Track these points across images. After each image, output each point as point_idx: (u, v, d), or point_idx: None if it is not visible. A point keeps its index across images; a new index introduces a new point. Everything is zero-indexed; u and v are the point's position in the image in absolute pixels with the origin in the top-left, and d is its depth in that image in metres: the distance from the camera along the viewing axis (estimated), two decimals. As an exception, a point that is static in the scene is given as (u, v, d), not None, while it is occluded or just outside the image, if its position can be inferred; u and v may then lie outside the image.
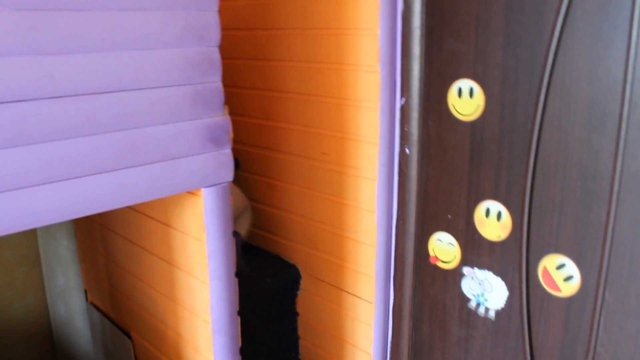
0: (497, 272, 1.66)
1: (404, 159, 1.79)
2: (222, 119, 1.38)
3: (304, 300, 2.21)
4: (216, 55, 1.35)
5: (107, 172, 1.22)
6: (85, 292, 2.26)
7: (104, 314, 2.14)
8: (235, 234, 1.52)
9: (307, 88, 1.97)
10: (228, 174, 1.43)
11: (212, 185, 1.40)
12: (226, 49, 2.21)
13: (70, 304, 2.36)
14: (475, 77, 1.59)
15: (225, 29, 2.18)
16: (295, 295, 2.22)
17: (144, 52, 1.23)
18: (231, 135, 1.41)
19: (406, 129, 1.76)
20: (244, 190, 2.36)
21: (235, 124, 2.26)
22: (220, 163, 1.40)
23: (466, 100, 1.61)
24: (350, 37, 1.78)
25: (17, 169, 1.11)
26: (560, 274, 1.52)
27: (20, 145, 1.11)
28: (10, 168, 1.10)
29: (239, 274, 1.53)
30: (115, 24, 1.18)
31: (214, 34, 1.33)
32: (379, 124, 1.76)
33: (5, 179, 1.10)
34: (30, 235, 2.37)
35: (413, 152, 1.77)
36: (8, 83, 1.07)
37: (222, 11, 1.35)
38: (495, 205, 1.62)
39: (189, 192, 1.43)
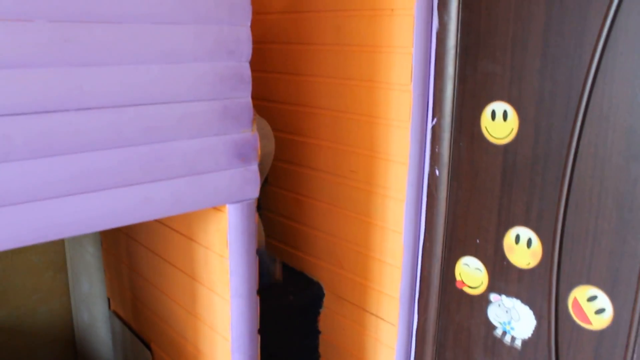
0: (525, 301, 1.61)
1: (433, 180, 1.76)
2: (250, 135, 1.37)
3: (326, 319, 2.18)
4: (246, 70, 1.34)
5: (133, 185, 1.22)
6: (109, 300, 2.26)
7: (125, 323, 2.14)
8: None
9: (338, 104, 1.95)
10: (254, 191, 1.41)
11: (238, 202, 1.38)
12: (258, 62, 2.20)
13: (94, 311, 2.36)
14: (509, 100, 1.55)
15: (258, 42, 2.18)
16: (318, 313, 2.19)
17: (174, 65, 1.22)
18: (258, 151, 1.40)
19: (437, 149, 1.73)
20: (271, 203, 2.35)
21: (264, 138, 2.25)
22: (246, 179, 1.38)
23: (499, 123, 1.58)
24: (383, 54, 1.76)
25: (44, 180, 1.11)
26: (592, 306, 1.47)
27: (48, 156, 1.11)
28: (37, 178, 1.10)
29: (261, 289, 1.51)
30: (147, 36, 1.18)
31: (245, 49, 1.32)
32: (409, 144, 1.73)
33: (33, 190, 1.10)
34: (57, 241, 2.39)
35: (443, 173, 1.73)
36: (38, 94, 1.07)
37: (254, 24, 1.34)
38: (525, 232, 1.57)
39: (214, 208, 1.41)
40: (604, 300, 1.45)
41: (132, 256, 1.95)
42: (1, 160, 1.05)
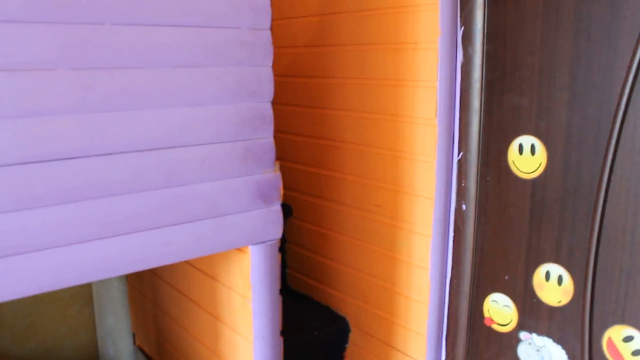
0: (557, 340, 1.56)
1: (460, 215, 1.72)
2: (272, 175, 1.36)
3: (352, 355, 2.14)
4: (268, 111, 1.33)
5: (155, 228, 1.21)
6: (134, 335, 2.25)
7: (150, 358, 2.13)
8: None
9: (363, 138, 1.93)
10: (277, 231, 1.39)
11: (260, 243, 1.37)
12: (282, 95, 2.20)
13: (119, 345, 2.36)
14: (537, 134, 1.52)
15: (283, 75, 2.19)
16: (343, 349, 2.15)
17: (196, 108, 1.22)
18: (281, 191, 1.38)
19: (463, 184, 1.69)
20: (296, 237, 2.33)
21: (290, 171, 2.25)
22: (269, 220, 1.37)
23: (527, 157, 1.54)
24: (408, 88, 1.75)
25: (66, 226, 1.11)
26: (628, 347, 1.42)
27: (70, 202, 1.10)
28: (60, 225, 1.10)
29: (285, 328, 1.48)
30: (168, 80, 1.18)
31: (267, 90, 1.31)
32: (435, 178, 1.70)
33: (55, 236, 1.10)
34: (83, 274, 2.39)
35: (470, 208, 1.70)
36: (59, 141, 1.07)
37: (280, 57, 1.34)
38: (556, 269, 1.53)
39: (237, 248, 1.40)
40: (640, 341, 1.39)
41: (157, 293, 1.94)
42: (23, 208, 1.05)
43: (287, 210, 2.30)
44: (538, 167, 1.53)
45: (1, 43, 1.00)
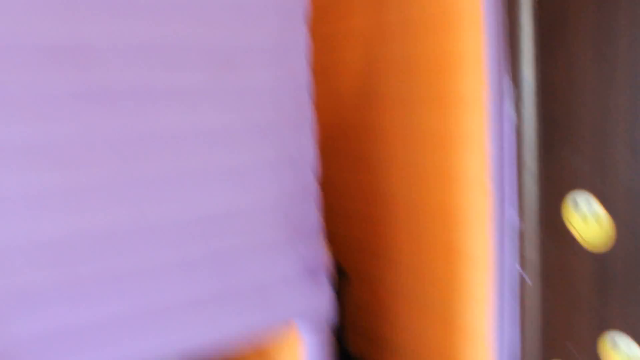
0: None
1: (522, 287, 1.61)
2: (318, 247, 1.30)
3: None
4: (312, 181, 1.28)
5: (198, 312, 1.15)
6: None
7: None
8: None
9: (413, 199, 1.86)
10: (326, 307, 1.32)
11: (309, 320, 1.29)
12: (328, 156, 2.17)
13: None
14: (599, 197, 1.41)
15: (328, 136, 2.15)
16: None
17: (235, 183, 1.18)
18: (328, 265, 1.31)
19: (524, 253, 1.58)
20: (353, 300, 2.25)
21: (343, 235, 2.18)
22: (316, 296, 1.30)
23: (590, 224, 1.43)
24: (457, 148, 1.68)
25: (109, 318, 1.07)
26: None
27: (118, 296, 1.06)
28: (104, 318, 1.06)
29: None
30: (206, 156, 1.15)
31: (309, 158, 1.27)
32: (490, 244, 1.60)
33: (100, 330, 1.06)
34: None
35: (532, 279, 1.58)
36: (101, 232, 1.04)
37: (324, 118, 1.27)
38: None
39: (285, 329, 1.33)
40: None
41: None
42: (74, 306, 1.02)
43: (344, 275, 2.23)
44: (603, 235, 1.41)
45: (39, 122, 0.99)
